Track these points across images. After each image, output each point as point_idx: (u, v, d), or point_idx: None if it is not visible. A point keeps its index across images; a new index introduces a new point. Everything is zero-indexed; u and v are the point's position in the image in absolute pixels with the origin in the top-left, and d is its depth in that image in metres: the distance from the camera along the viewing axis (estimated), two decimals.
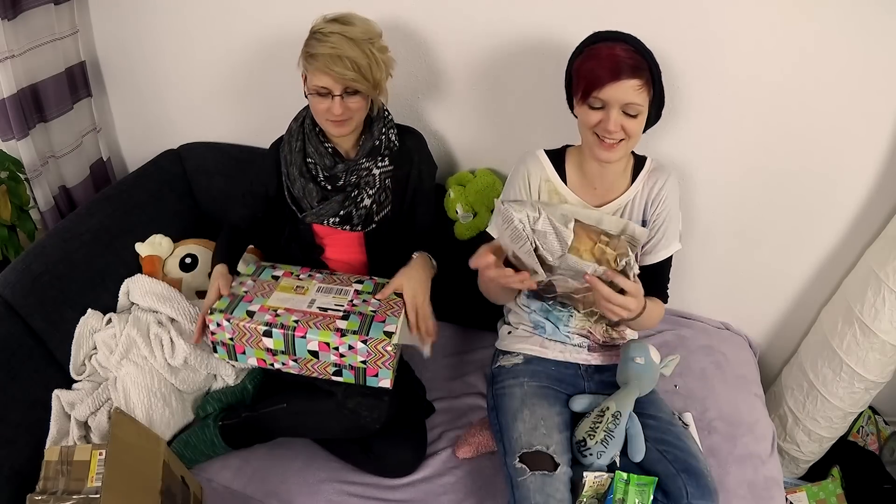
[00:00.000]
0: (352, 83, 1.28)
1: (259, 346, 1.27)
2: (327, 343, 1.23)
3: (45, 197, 1.80)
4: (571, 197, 1.31)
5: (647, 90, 1.16)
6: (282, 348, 1.26)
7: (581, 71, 1.19)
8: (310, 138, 1.43)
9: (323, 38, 1.27)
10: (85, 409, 1.42)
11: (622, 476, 1.22)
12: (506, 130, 1.68)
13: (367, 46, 1.28)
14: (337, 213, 1.43)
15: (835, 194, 1.54)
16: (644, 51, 1.16)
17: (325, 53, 1.26)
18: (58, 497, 1.04)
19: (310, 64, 1.29)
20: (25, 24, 1.64)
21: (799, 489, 1.77)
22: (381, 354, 1.23)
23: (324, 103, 1.31)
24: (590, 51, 1.19)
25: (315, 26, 1.31)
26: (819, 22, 1.33)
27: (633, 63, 1.13)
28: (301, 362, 1.28)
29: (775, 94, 1.43)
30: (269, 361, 1.30)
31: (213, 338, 1.29)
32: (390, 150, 1.44)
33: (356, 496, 1.36)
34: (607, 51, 1.15)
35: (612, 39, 1.17)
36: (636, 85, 1.14)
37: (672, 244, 1.33)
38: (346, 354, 1.24)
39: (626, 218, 1.30)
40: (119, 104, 2.07)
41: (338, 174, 1.42)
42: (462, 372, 1.68)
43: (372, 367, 1.26)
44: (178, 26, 1.82)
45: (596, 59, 1.16)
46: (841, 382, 1.59)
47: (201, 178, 1.94)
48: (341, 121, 1.34)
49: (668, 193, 1.30)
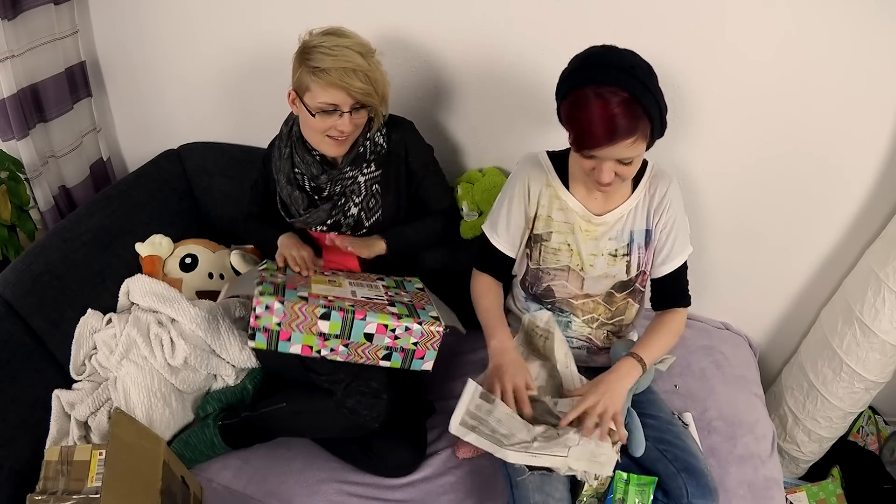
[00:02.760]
0: (365, 98, 1.25)
1: (311, 331, 1.26)
2: (385, 325, 1.26)
3: (45, 197, 1.80)
4: (573, 202, 1.29)
5: (643, 137, 1.09)
6: (336, 332, 1.26)
7: (571, 121, 1.11)
8: (297, 146, 1.41)
9: (329, 52, 1.22)
10: (85, 409, 1.42)
11: (622, 476, 1.22)
12: (514, 127, 1.68)
13: (371, 59, 1.26)
14: (324, 222, 1.43)
15: (835, 195, 1.54)
16: (641, 94, 1.04)
17: (339, 67, 1.21)
18: (58, 497, 1.04)
19: (318, 78, 1.23)
20: (25, 24, 1.64)
21: (799, 489, 1.77)
22: (432, 336, 1.29)
23: (328, 121, 1.27)
24: (580, 98, 1.07)
25: (310, 41, 1.26)
26: (819, 25, 1.33)
27: (628, 122, 1.04)
28: (352, 347, 1.29)
29: (775, 95, 1.43)
30: (317, 347, 1.29)
31: (256, 323, 1.24)
32: (377, 154, 1.42)
33: (356, 496, 1.36)
34: (601, 109, 1.04)
35: (605, 83, 1.04)
36: (630, 142, 1.07)
37: (684, 250, 1.32)
38: (400, 336, 1.28)
39: (629, 227, 1.29)
40: (119, 104, 2.07)
41: (322, 185, 1.41)
42: (462, 372, 1.67)
43: (421, 349, 1.31)
44: (178, 26, 1.82)
45: (588, 115, 1.05)
46: (841, 382, 1.59)
47: (201, 178, 1.94)
48: (344, 139, 1.32)
49: (672, 200, 1.28)
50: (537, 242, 1.33)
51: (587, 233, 1.29)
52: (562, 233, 1.30)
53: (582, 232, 1.29)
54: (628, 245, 1.30)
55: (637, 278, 1.33)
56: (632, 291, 1.35)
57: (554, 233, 1.31)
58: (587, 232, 1.29)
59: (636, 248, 1.30)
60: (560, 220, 1.30)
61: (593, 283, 1.33)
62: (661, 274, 1.33)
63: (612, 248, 1.30)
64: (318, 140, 1.35)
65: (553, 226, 1.31)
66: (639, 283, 1.34)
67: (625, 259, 1.31)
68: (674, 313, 1.35)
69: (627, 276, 1.32)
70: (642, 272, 1.33)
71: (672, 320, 1.34)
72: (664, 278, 1.33)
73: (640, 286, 1.35)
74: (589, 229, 1.29)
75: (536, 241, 1.33)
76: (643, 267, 1.32)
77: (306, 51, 1.26)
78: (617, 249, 1.30)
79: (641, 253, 1.31)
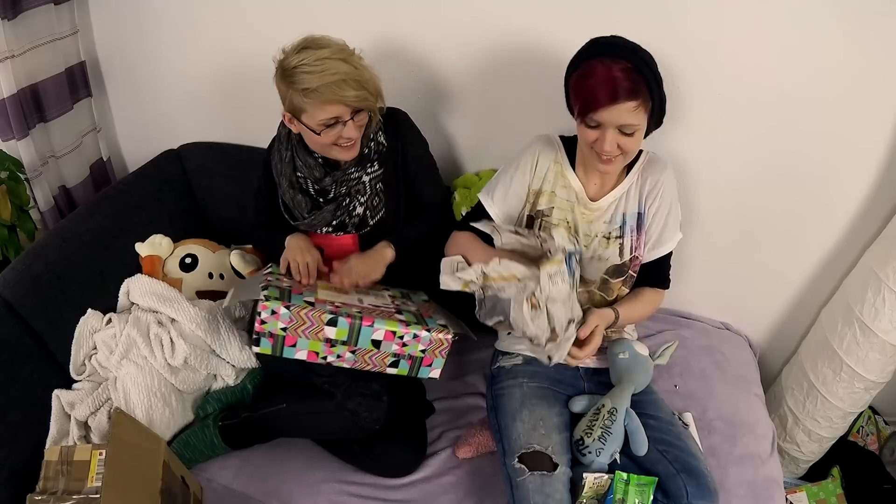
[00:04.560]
0: (362, 103, 1.25)
1: (317, 337, 1.25)
2: (393, 332, 1.25)
3: (45, 197, 1.80)
4: (575, 183, 1.34)
5: (644, 109, 1.16)
6: (343, 338, 1.25)
7: (577, 89, 1.19)
8: (298, 151, 1.41)
9: (313, 69, 1.20)
10: (85, 409, 1.42)
11: (622, 476, 1.22)
12: (510, 130, 1.68)
13: (353, 60, 1.25)
14: (329, 223, 1.43)
15: (835, 195, 1.54)
16: (642, 67, 1.13)
17: (328, 83, 1.20)
18: (58, 497, 1.05)
19: (310, 99, 1.21)
20: (25, 24, 1.64)
21: (799, 489, 1.77)
22: (440, 343, 1.29)
23: (332, 132, 1.27)
24: (586, 67, 1.16)
25: (288, 62, 1.22)
26: (819, 25, 1.33)
27: (630, 85, 1.12)
28: (359, 353, 1.27)
29: (775, 95, 1.43)
30: (323, 353, 1.27)
31: (261, 328, 1.23)
32: (379, 153, 1.42)
33: (356, 496, 1.36)
34: (604, 71, 1.13)
35: (609, 55, 1.14)
36: (632, 106, 1.13)
37: (674, 236, 1.35)
38: (408, 344, 1.27)
39: (622, 210, 1.33)
40: (119, 104, 2.07)
41: (327, 187, 1.41)
42: (462, 372, 1.68)
43: (429, 357, 1.30)
44: (178, 26, 1.82)
45: (593, 79, 1.14)
46: (841, 382, 1.59)
47: (201, 178, 1.94)
48: (352, 144, 1.32)
49: (665, 187, 1.32)
50: (538, 218, 1.35)
51: (583, 215, 1.34)
52: (563, 209, 1.34)
53: (578, 214, 1.34)
54: (621, 227, 1.34)
55: (630, 263, 1.35)
56: (626, 279, 1.36)
57: (556, 208, 1.34)
58: (583, 215, 1.34)
59: (629, 230, 1.34)
60: (563, 196, 1.34)
61: (587, 265, 1.35)
62: (649, 259, 1.36)
63: (605, 231, 1.34)
64: (328, 150, 1.34)
65: (556, 202, 1.34)
66: (632, 270, 1.36)
67: (617, 242, 1.34)
68: (653, 291, 1.40)
69: (621, 259, 1.34)
70: (635, 257, 1.35)
71: (652, 295, 1.39)
72: (651, 263, 1.37)
73: (633, 272, 1.37)
74: (584, 213, 1.34)
75: (537, 216, 1.35)
76: (635, 251, 1.35)
77: (288, 73, 1.23)
78: (610, 232, 1.34)
79: (634, 236, 1.34)
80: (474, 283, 1.24)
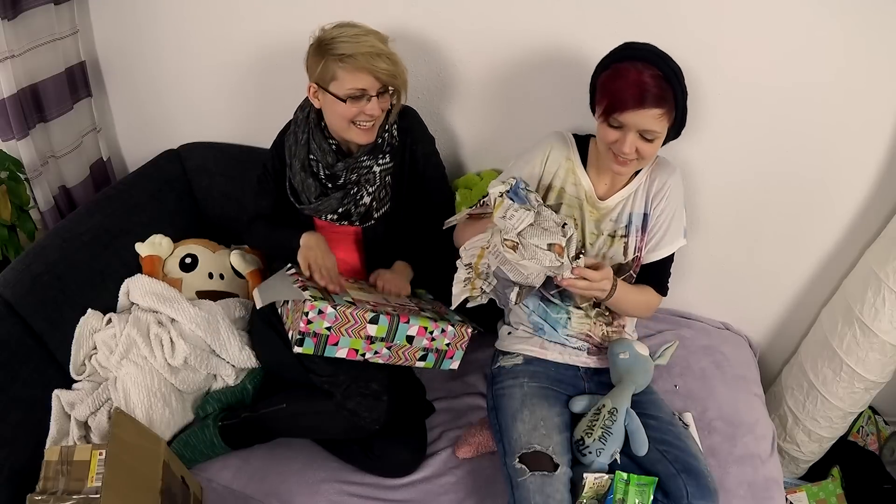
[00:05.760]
0: (391, 80, 1.29)
1: (359, 335, 1.29)
2: (425, 328, 1.32)
3: (45, 197, 1.80)
4: (585, 182, 1.34)
5: (667, 118, 1.17)
6: (383, 335, 1.30)
7: (605, 88, 1.20)
8: (314, 133, 1.42)
9: (353, 39, 1.25)
10: (85, 409, 1.42)
11: (622, 476, 1.22)
12: (512, 131, 1.68)
13: (389, 44, 1.30)
14: (335, 210, 1.44)
15: (835, 194, 1.54)
16: (672, 77, 1.15)
17: (365, 52, 1.24)
18: (58, 497, 1.04)
19: (346, 64, 1.26)
20: (25, 24, 1.64)
21: (799, 489, 1.77)
22: (462, 336, 1.38)
23: (356, 106, 1.29)
24: (618, 68, 1.18)
25: (327, 34, 1.28)
26: (820, 25, 1.33)
27: (659, 93, 1.14)
28: (394, 349, 1.33)
29: (776, 95, 1.43)
30: (363, 351, 1.31)
31: (307, 328, 1.25)
32: (392, 146, 1.44)
33: (356, 496, 1.36)
34: (635, 75, 1.15)
35: (642, 60, 1.16)
36: (657, 114, 1.15)
37: (676, 240, 1.35)
38: (436, 338, 1.34)
39: (629, 209, 1.34)
40: (119, 104, 2.07)
41: (338, 172, 1.42)
42: (462, 372, 1.67)
43: (451, 349, 1.38)
44: (178, 26, 1.82)
45: (623, 81, 1.16)
46: (841, 382, 1.59)
47: (201, 178, 1.94)
48: (372, 125, 1.33)
49: (672, 190, 1.32)
50: None
51: (591, 213, 1.35)
52: (571, 206, 1.35)
53: (587, 211, 1.34)
54: (626, 227, 1.34)
55: (633, 263, 1.35)
56: (627, 279, 1.36)
57: (564, 205, 1.35)
58: (591, 213, 1.35)
59: (633, 230, 1.34)
60: (572, 194, 1.35)
61: None
62: (648, 260, 1.36)
63: (611, 230, 1.35)
64: (345, 128, 1.35)
65: (565, 198, 1.35)
66: (634, 270, 1.37)
67: (622, 241, 1.34)
68: (652, 291, 1.39)
69: (624, 258, 1.35)
70: (637, 257, 1.35)
71: (649, 293, 1.38)
72: (649, 266, 1.37)
73: (635, 273, 1.37)
74: (592, 211, 1.34)
75: None
76: (638, 252, 1.35)
77: (326, 42, 1.28)
78: (616, 231, 1.35)
79: (638, 236, 1.35)
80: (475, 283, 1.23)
